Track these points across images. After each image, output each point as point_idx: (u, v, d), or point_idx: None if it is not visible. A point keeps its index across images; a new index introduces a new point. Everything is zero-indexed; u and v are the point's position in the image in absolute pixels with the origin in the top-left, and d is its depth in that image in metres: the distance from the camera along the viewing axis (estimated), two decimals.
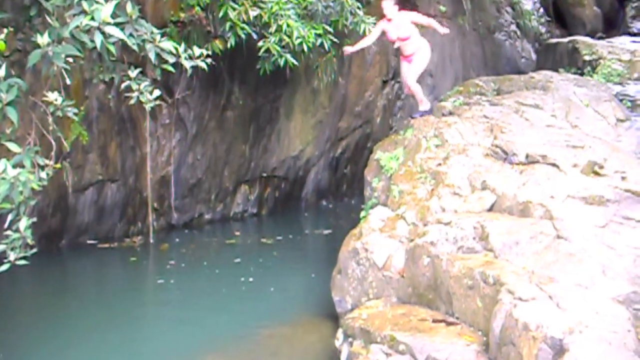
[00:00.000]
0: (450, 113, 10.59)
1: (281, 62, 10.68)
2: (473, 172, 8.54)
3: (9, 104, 5.91)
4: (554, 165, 8.31)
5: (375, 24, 11.29)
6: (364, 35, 11.40)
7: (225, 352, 7.91)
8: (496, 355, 5.95)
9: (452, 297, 6.90)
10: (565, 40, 18.03)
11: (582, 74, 14.60)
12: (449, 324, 6.76)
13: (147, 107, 6.93)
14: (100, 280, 10.46)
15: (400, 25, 10.43)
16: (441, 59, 17.24)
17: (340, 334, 7.53)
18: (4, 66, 5.92)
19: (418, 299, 7.42)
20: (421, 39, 10.62)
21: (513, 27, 21.17)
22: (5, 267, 6.04)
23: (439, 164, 8.86)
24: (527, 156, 8.60)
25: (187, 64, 6.92)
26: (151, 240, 11.86)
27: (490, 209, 7.93)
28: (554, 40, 19.51)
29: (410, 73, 10.61)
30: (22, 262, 6.04)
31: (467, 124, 9.78)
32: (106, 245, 11.57)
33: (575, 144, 8.94)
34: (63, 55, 6.05)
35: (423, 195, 8.44)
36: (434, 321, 6.87)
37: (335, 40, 11.19)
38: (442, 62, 17.26)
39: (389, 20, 10.45)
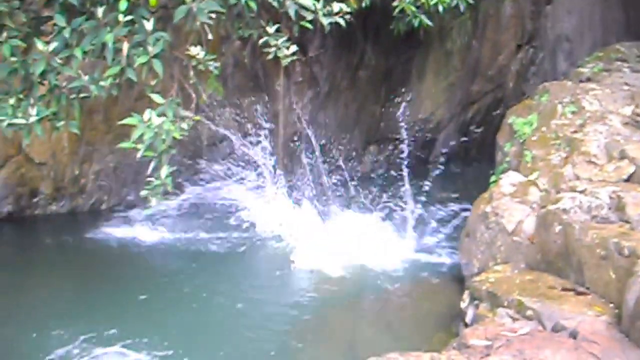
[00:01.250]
0: (588, 79, 10.25)
1: (415, 22, 10.56)
2: (611, 140, 8.27)
3: (155, 56, 6.17)
4: None
5: None
6: None
7: (350, 309, 8.06)
8: (629, 329, 5.79)
9: (583, 267, 6.74)
10: None
11: None
12: (579, 293, 6.62)
13: (284, 62, 7.07)
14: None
15: None
16: (579, 23, 16.57)
17: (466, 296, 7.51)
18: (152, 20, 6.16)
19: (547, 266, 7.29)
20: None
21: None
22: (148, 211, 6.38)
23: (575, 131, 8.62)
24: None
25: (325, 21, 7.00)
26: None
27: (628, 180, 7.67)
28: None
29: None
30: (163, 207, 6.34)
31: (606, 91, 9.45)
32: None
33: None
34: (206, 11, 6.25)
35: (557, 162, 8.25)
36: (563, 289, 6.74)
37: (470, 2, 10.96)
38: (580, 27, 16.58)
39: None
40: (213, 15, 6.43)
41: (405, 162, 10.26)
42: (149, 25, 6.11)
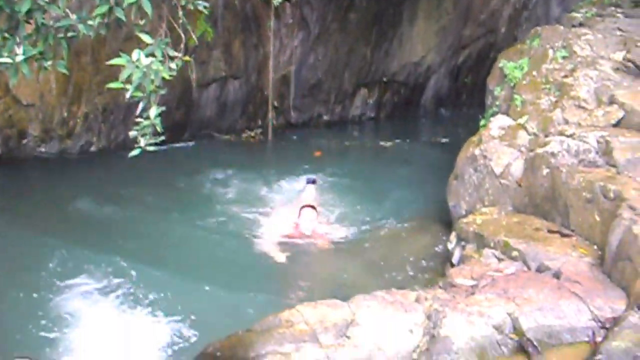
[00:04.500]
0: (581, 24, 10.17)
1: None
2: (601, 85, 8.25)
3: None
4: None
5: None
6: None
7: (338, 250, 8.14)
8: (611, 270, 5.90)
9: (569, 210, 6.82)
10: None
11: None
12: (564, 235, 6.71)
13: (275, 3, 7.00)
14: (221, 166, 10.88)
15: None
16: None
17: (453, 237, 7.61)
18: None
19: (534, 209, 7.37)
20: None
21: None
22: (136, 152, 6.36)
23: (565, 76, 8.59)
24: None
25: None
26: (269, 137, 12.14)
27: (617, 125, 7.68)
28: None
29: None
30: (152, 147, 6.33)
31: (598, 36, 9.38)
32: (227, 138, 11.97)
33: None
34: None
35: (546, 106, 8.25)
36: (549, 231, 6.83)
37: None
38: None
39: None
40: None
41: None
42: None
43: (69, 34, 6.50)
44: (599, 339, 5.14)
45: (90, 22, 6.21)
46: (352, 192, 9.73)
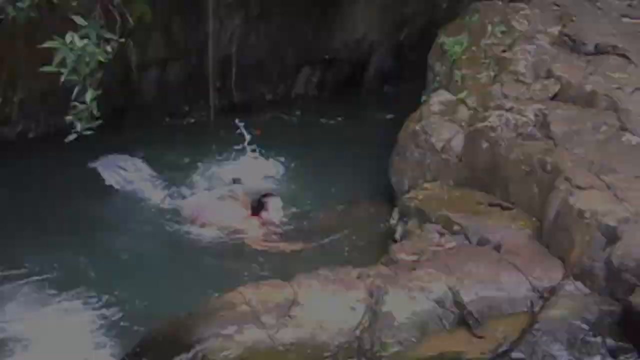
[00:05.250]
0: None
1: None
2: (538, 59, 8.39)
3: None
4: (624, 56, 8.11)
5: None
6: None
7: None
8: (549, 241, 6.02)
9: (509, 183, 6.94)
10: None
11: None
12: (504, 208, 6.82)
13: None
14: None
15: None
16: None
17: (396, 213, 7.68)
18: None
19: (475, 182, 7.47)
20: None
21: None
22: (72, 136, 6.27)
23: (504, 50, 8.71)
24: (596, 46, 8.40)
25: None
26: (212, 118, 12.02)
27: (554, 98, 7.82)
28: None
29: None
30: (88, 132, 6.25)
31: (535, 11, 9.52)
32: (168, 121, 11.83)
33: None
34: None
35: (486, 81, 8.35)
36: (490, 205, 6.93)
37: None
38: None
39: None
40: None
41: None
42: None
43: None
44: (537, 308, 5.24)
45: (19, 5, 6.09)
46: (294, 171, 9.70)
